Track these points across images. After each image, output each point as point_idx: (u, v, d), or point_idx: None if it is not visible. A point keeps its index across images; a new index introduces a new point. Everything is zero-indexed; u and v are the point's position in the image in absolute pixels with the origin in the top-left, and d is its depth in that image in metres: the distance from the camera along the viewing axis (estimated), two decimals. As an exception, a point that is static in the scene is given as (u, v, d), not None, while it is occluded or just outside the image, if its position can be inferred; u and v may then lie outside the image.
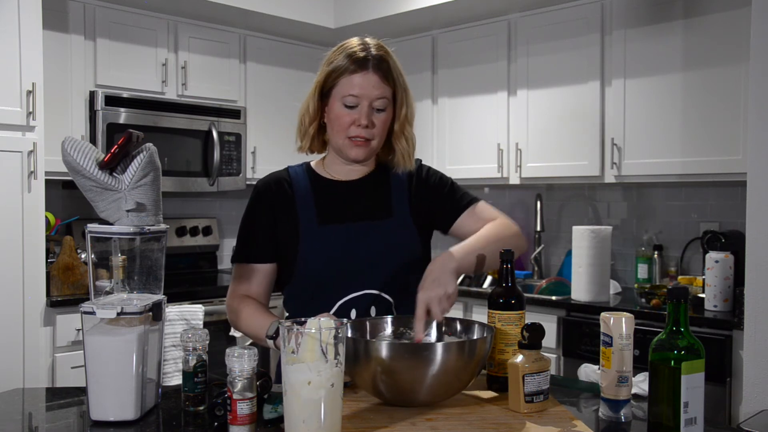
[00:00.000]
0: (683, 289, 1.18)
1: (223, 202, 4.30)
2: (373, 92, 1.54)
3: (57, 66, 3.26)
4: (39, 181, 2.93)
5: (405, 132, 1.62)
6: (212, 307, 3.39)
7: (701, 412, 1.17)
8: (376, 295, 1.58)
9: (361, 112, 1.54)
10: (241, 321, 1.61)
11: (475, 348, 1.29)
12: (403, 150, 1.63)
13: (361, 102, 1.54)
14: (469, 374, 1.31)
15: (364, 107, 1.54)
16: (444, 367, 1.24)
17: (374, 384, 1.28)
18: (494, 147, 3.67)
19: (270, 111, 4.04)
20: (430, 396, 1.29)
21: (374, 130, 1.57)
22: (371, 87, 1.53)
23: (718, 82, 2.93)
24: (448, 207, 1.67)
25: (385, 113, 1.57)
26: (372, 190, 1.65)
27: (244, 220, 1.67)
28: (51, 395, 1.59)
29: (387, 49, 1.59)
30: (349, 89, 1.53)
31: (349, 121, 1.55)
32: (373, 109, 1.55)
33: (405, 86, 1.61)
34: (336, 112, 1.56)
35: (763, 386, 2.32)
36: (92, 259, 1.34)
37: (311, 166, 1.70)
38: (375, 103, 1.55)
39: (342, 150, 1.60)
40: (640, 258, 3.36)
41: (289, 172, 1.68)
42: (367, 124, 1.55)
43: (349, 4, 3.95)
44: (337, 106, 1.56)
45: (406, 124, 1.62)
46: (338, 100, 1.55)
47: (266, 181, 1.67)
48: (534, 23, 3.55)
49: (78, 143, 1.31)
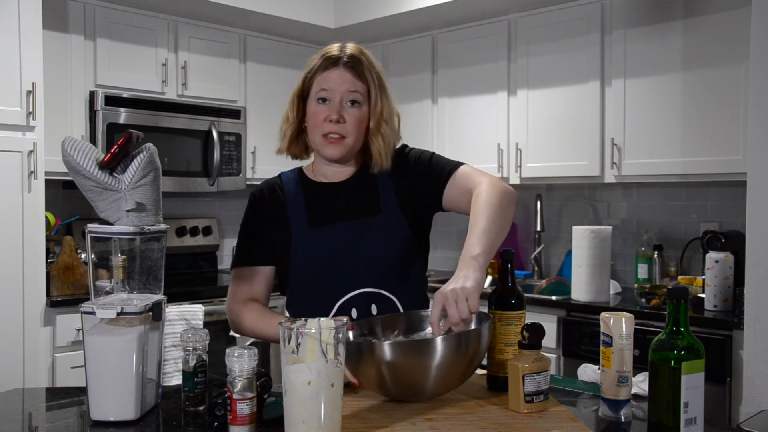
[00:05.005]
0: (683, 289, 1.18)
1: (223, 202, 4.30)
2: (343, 86, 1.56)
3: (57, 66, 3.26)
4: (39, 181, 2.93)
5: (381, 129, 1.60)
6: (212, 307, 3.39)
7: (701, 412, 1.17)
8: (375, 292, 1.58)
9: (332, 107, 1.56)
10: (245, 324, 1.62)
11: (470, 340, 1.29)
12: (380, 148, 1.61)
13: (332, 97, 1.56)
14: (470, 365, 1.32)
15: (335, 102, 1.56)
16: (445, 360, 1.25)
17: (380, 383, 1.30)
18: (494, 147, 3.67)
19: (270, 111, 4.03)
20: (437, 389, 1.31)
21: (347, 126, 1.57)
22: (341, 81, 1.56)
23: (718, 82, 2.93)
24: (432, 183, 1.63)
25: (358, 109, 1.58)
26: (359, 189, 1.65)
27: (242, 227, 1.70)
28: (51, 395, 1.59)
29: (364, 50, 1.61)
30: (321, 84, 1.57)
31: (323, 117, 1.57)
32: (345, 103, 1.57)
33: (382, 84, 1.61)
34: (311, 110, 1.60)
35: (763, 386, 2.32)
36: (92, 259, 1.34)
37: (303, 170, 1.72)
38: (346, 96, 1.56)
39: (319, 149, 1.62)
40: (640, 258, 3.36)
41: (282, 178, 1.71)
42: (338, 118, 1.56)
43: (349, 4, 3.95)
44: (312, 105, 1.59)
45: (381, 121, 1.60)
46: (313, 98, 1.59)
47: (260, 189, 1.70)
48: (534, 23, 3.55)
49: (78, 143, 1.31)
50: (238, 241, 1.70)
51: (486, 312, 1.41)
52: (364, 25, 3.90)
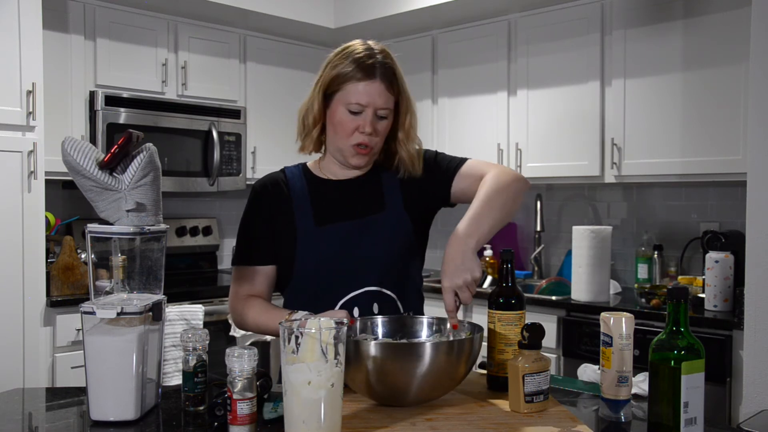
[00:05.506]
0: (683, 289, 1.18)
1: (223, 202, 4.30)
2: (379, 101, 1.55)
3: (57, 66, 3.26)
4: (39, 181, 2.93)
5: (411, 137, 1.64)
6: (212, 307, 3.39)
7: (701, 412, 1.17)
8: (377, 291, 1.58)
9: (366, 120, 1.55)
10: (249, 319, 1.61)
11: (463, 347, 1.28)
12: (412, 156, 1.64)
13: (366, 109, 1.54)
14: (459, 374, 1.31)
15: (369, 115, 1.55)
16: (432, 366, 1.24)
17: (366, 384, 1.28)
18: (494, 147, 3.67)
19: (270, 111, 4.04)
20: (420, 395, 1.29)
21: (376, 138, 1.58)
22: (377, 96, 1.54)
23: (718, 82, 2.93)
24: (439, 178, 1.65)
25: (387, 120, 1.59)
26: (365, 187, 1.65)
27: (243, 222, 1.68)
28: (51, 395, 1.59)
29: (392, 55, 1.60)
30: (356, 97, 1.54)
31: (353, 127, 1.56)
32: (378, 116, 1.56)
33: (408, 94, 1.63)
34: (340, 117, 1.57)
35: (763, 386, 2.32)
36: (92, 259, 1.34)
37: (307, 166, 1.71)
38: (380, 111, 1.56)
39: (344, 155, 1.60)
40: (640, 258, 3.36)
41: (286, 173, 1.69)
42: (372, 131, 1.55)
43: (349, 4, 3.95)
44: (341, 111, 1.56)
45: (411, 130, 1.63)
46: (342, 104, 1.56)
47: (263, 182, 1.68)
48: (534, 23, 3.55)
49: (78, 143, 1.31)
50: (239, 236, 1.67)
51: (478, 324, 1.40)
52: (364, 25, 3.90)
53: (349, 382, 1.30)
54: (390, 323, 1.49)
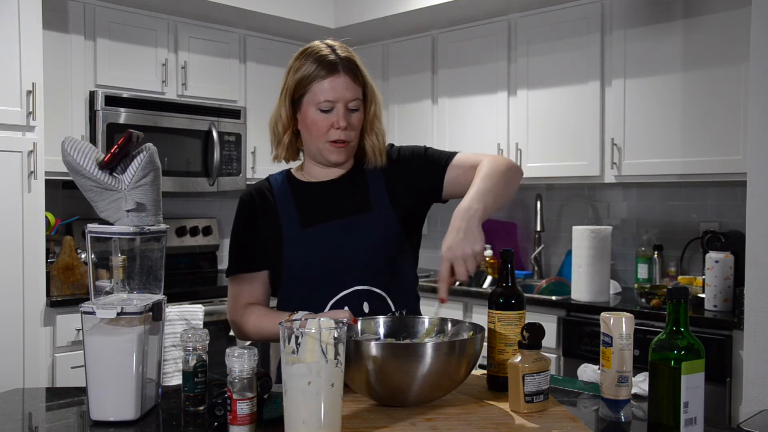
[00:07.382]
0: (683, 289, 1.18)
1: (223, 202, 4.30)
2: (347, 94, 1.56)
3: (57, 66, 3.26)
4: (39, 181, 2.93)
5: (375, 128, 1.64)
6: (212, 307, 3.39)
7: (701, 412, 1.17)
8: (367, 290, 1.58)
9: (338, 115, 1.56)
10: (249, 326, 1.60)
11: (464, 348, 1.28)
12: (374, 146, 1.64)
13: (336, 105, 1.56)
14: (460, 374, 1.30)
15: (340, 109, 1.56)
16: (432, 367, 1.24)
17: (366, 384, 1.28)
18: (494, 147, 3.67)
19: (270, 111, 3.99)
20: (420, 396, 1.29)
21: (351, 132, 1.59)
22: (344, 89, 1.55)
23: (718, 82, 2.93)
24: (430, 172, 1.65)
25: (359, 112, 1.60)
26: (350, 187, 1.66)
27: (233, 232, 1.69)
28: (51, 395, 1.59)
29: (350, 49, 1.61)
30: (324, 94, 1.55)
31: (327, 126, 1.57)
32: (349, 110, 1.57)
33: (372, 84, 1.64)
34: (312, 118, 1.57)
35: (763, 386, 2.32)
36: (92, 259, 1.34)
37: (291, 172, 1.72)
38: (350, 104, 1.57)
39: (322, 154, 1.61)
40: (640, 258, 3.36)
41: (270, 180, 1.71)
42: (346, 125, 1.56)
43: (349, 4, 3.95)
44: (312, 112, 1.57)
45: (375, 120, 1.64)
46: (312, 105, 1.57)
47: (248, 192, 1.69)
48: (534, 23, 3.55)
49: (78, 143, 1.31)
50: (231, 247, 1.68)
51: (479, 325, 1.40)
52: (364, 25, 3.90)
53: (349, 382, 1.29)
54: (392, 323, 1.49)
